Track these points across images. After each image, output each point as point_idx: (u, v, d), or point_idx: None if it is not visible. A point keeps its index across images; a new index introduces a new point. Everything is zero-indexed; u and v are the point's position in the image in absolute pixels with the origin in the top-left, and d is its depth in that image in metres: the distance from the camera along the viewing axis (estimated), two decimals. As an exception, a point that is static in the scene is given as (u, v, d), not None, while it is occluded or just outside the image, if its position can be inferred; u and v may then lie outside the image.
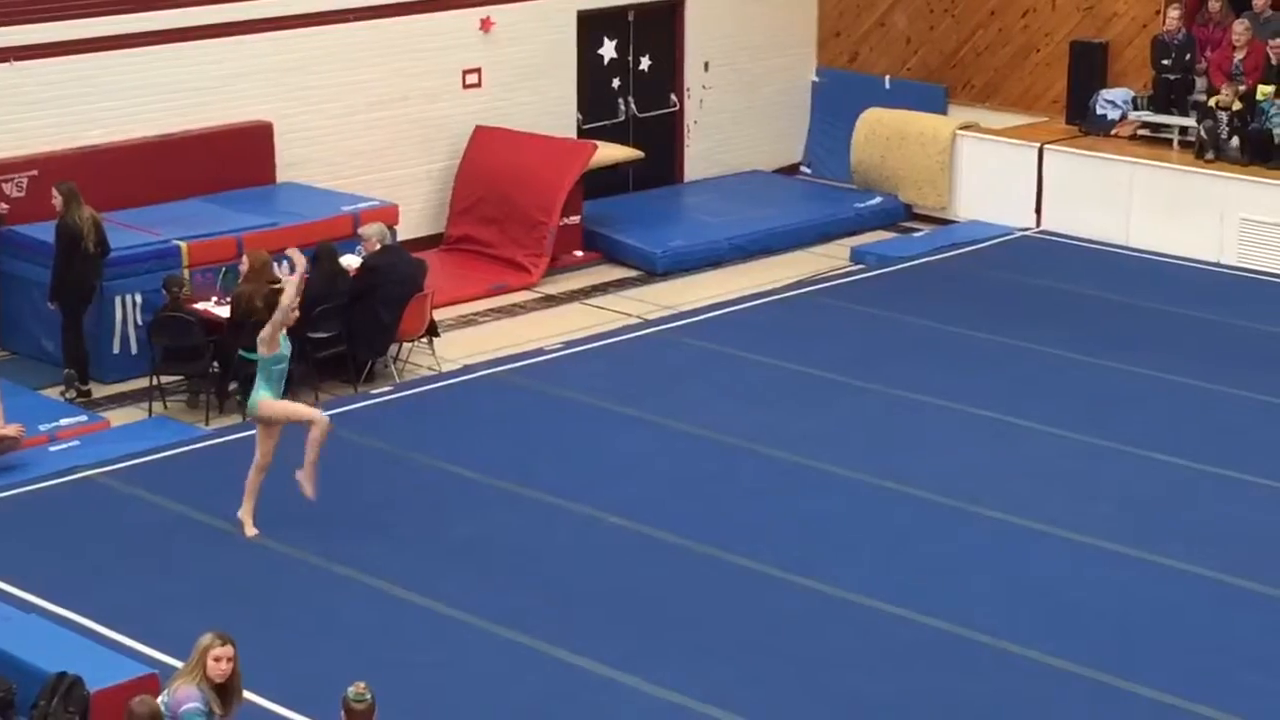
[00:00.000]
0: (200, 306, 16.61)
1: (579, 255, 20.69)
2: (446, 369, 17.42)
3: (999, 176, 21.88)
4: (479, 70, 21.13)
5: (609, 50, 22.56)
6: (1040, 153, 21.65)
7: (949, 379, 16.95)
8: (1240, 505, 14.43)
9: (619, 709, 11.47)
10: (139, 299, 16.96)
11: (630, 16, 22.68)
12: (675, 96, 23.24)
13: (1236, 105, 20.59)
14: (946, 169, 22.16)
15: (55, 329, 16.68)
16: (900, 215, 22.46)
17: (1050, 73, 22.88)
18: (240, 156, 19.11)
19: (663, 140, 23.07)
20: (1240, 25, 20.93)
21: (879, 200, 22.46)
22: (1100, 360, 17.44)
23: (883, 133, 22.60)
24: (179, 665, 9.59)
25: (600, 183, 21.44)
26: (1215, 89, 20.87)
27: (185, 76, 18.84)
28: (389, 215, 18.48)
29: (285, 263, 17.08)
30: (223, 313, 16.44)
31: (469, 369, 17.37)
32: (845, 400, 16.57)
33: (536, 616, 12.53)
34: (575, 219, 20.58)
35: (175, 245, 17.28)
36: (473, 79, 21.09)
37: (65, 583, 12.87)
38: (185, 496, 14.37)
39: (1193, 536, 13.83)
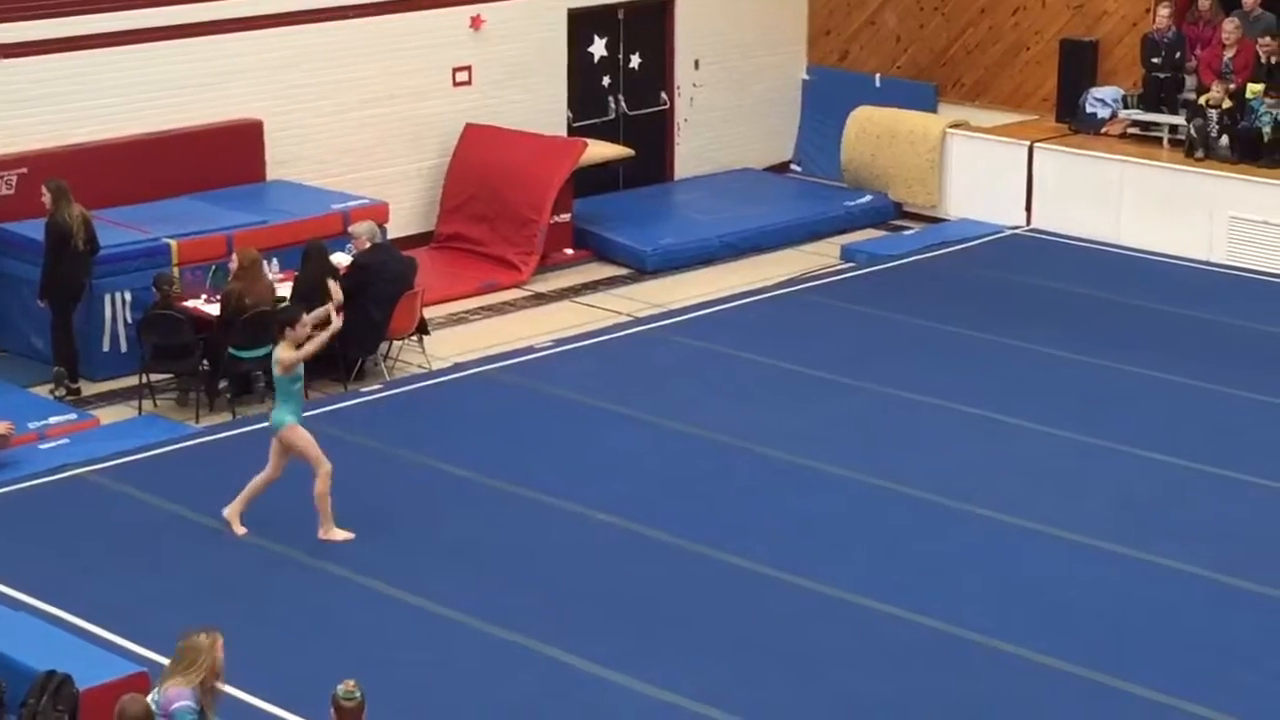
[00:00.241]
0: (190, 304, 16.59)
1: (569, 253, 20.68)
2: (437, 367, 17.41)
3: (989, 175, 21.88)
4: (469, 68, 21.12)
5: (599, 48, 22.55)
6: (1030, 151, 21.65)
7: (940, 377, 16.96)
8: (1232, 504, 14.45)
9: (611, 707, 11.47)
10: (129, 297, 16.95)
11: (620, 14, 22.67)
12: (665, 94, 23.23)
13: (1226, 103, 20.61)
14: (936, 167, 22.16)
15: (45, 327, 16.66)
16: (890, 213, 22.47)
17: (1040, 71, 22.88)
18: (230, 154, 19.09)
19: (653, 138, 23.07)
20: (1230, 23, 20.95)
21: (869, 198, 22.46)
22: (1091, 358, 17.45)
23: (873, 131, 22.60)
24: (168, 663, 9.55)
25: (590, 181, 21.45)
26: (1205, 87, 20.88)
27: (175, 74, 18.82)
28: (379, 213, 18.47)
29: (275, 260, 17.17)
30: (213, 310, 16.42)
31: (459, 367, 17.36)
32: (836, 399, 16.57)
33: (528, 615, 12.53)
34: (565, 217, 20.58)
35: (165, 243, 17.26)
36: (463, 77, 21.08)
37: (55, 581, 12.86)
38: (175, 494, 14.36)
39: (1185, 535, 13.84)
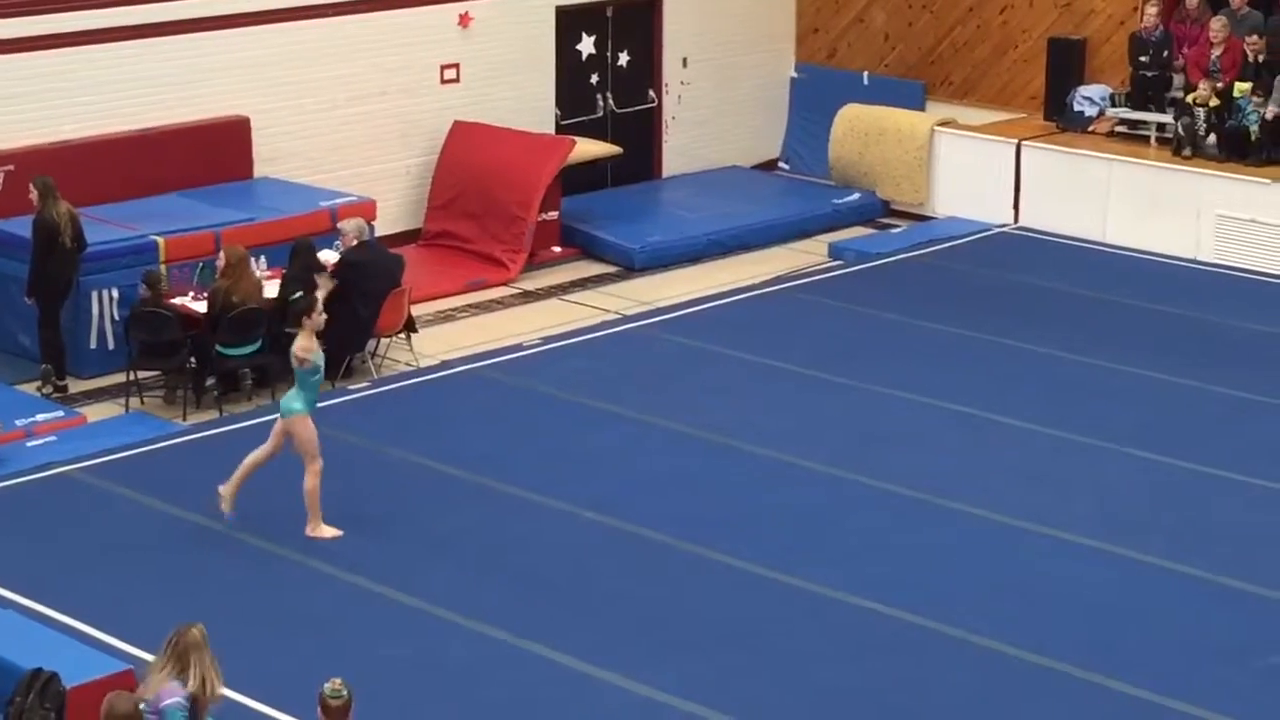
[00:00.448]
0: (178, 301, 16.59)
1: (557, 251, 20.69)
2: (424, 364, 17.42)
3: (977, 173, 21.91)
4: (457, 65, 21.12)
5: (587, 46, 22.56)
6: (1018, 149, 21.67)
7: (927, 375, 16.98)
8: (1218, 501, 14.47)
9: (597, 704, 11.48)
10: (116, 294, 16.94)
11: (608, 12, 22.68)
12: (654, 92, 23.24)
13: (1214, 102, 20.63)
14: (924, 165, 22.19)
15: (32, 324, 16.65)
16: (878, 211, 22.49)
17: (1028, 69, 22.91)
18: (218, 151, 19.08)
19: (641, 136, 23.08)
20: (1218, 22, 20.97)
21: (857, 196, 22.48)
22: (1078, 356, 17.48)
23: (861, 129, 22.62)
24: (156, 659, 9.56)
25: (578, 178, 21.46)
26: (1192, 86, 20.90)
27: (163, 71, 18.82)
28: (367, 210, 18.47)
29: (263, 258, 17.16)
30: (200, 308, 16.42)
31: (447, 364, 17.37)
32: (823, 396, 16.59)
33: (514, 612, 12.54)
34: (553, 214, 20.59)
35: (152, 240, 17.26)
36: (451, 74, 21.08)
37: (41, 578, 12.86)
38: (162, 492, 14.36)
39: (1171, 533, 13.86)
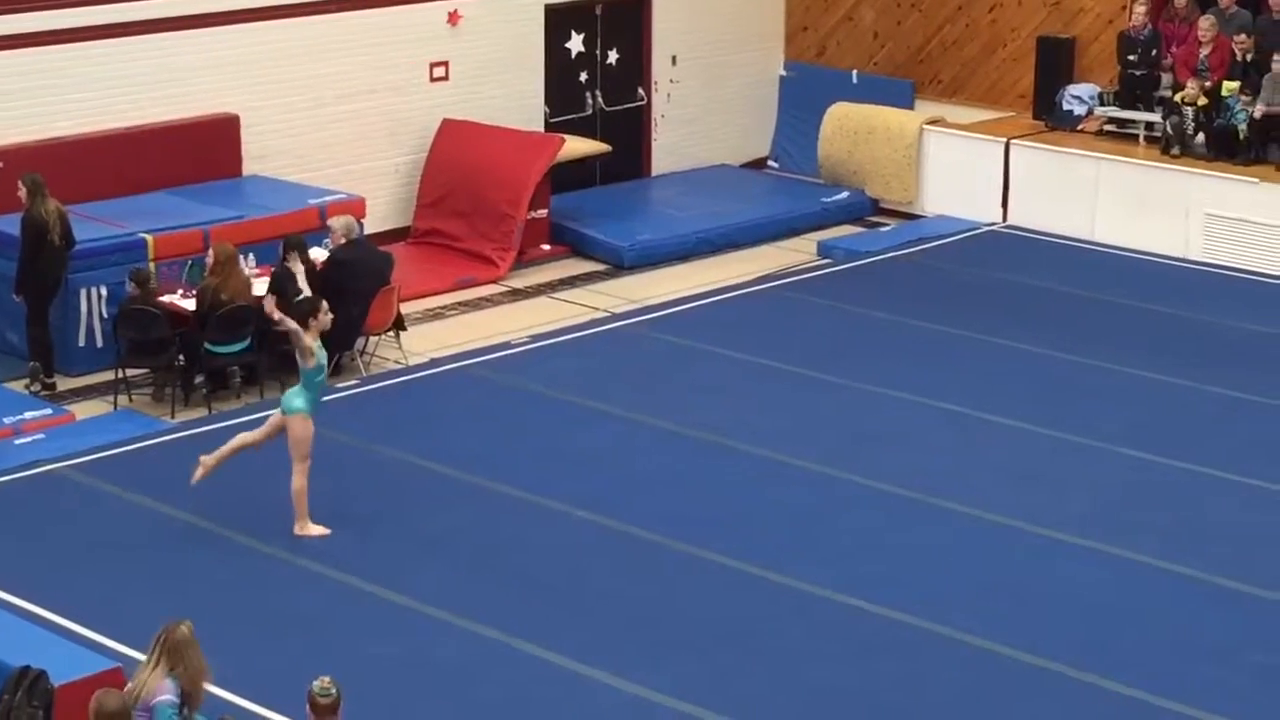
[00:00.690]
0: (166, 299, 16.55)
1: (546, 249, 20.67)
2: (413, 362, 17.40)
3: (965, 171, 21.91)
4: (446, 63, 21.10)
5: (576, 44, 22.54)
6: (1007, 148, 21.68)
7: (916, 373, 16.97)
8: (1210, 500, 14.48)
9: (587, 703, 11.47)
10: (104, 292, 16.91)
11: (598, 10, 22.67)
12: (643, 90, 23.23)
13: (1202, 101, 20.65)
14: (913, 164, 22.19)
15: (20, 322, 16.60)
16: (867, 210, 22.49)
17: (1017, 68, 22.92)
18: (207, 149, 19.04)
19: (630, 134, 23.06)
20: (1206, 21, 20.98)
21: (846, 195, 22.48)
22: (1067, 355, 17.48)
23: (850, 127, 22.62)
24: (146, 657, 9.53)
25: (568, 176, 21.44)
26: (1181, 84, 20.91)
27: (152, 69, 18.78)
28: (356, 208, 18.43)
29: (252, 255, 17.14)
30: (189, 305, 16.39)
31: (436, 362, 17.35)
32: (812, 395, 16.58)
33: (504, 611, 12.52)
34: (542, 213, 20.57)
35: (141, 238, 17.22)
36: (440, 72, 21.06)
37: (29, 576, 12.82)
38: (150, 490, 14.33)
39: (1161, 531, 13.86)
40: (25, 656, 10.36)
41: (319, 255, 17.07)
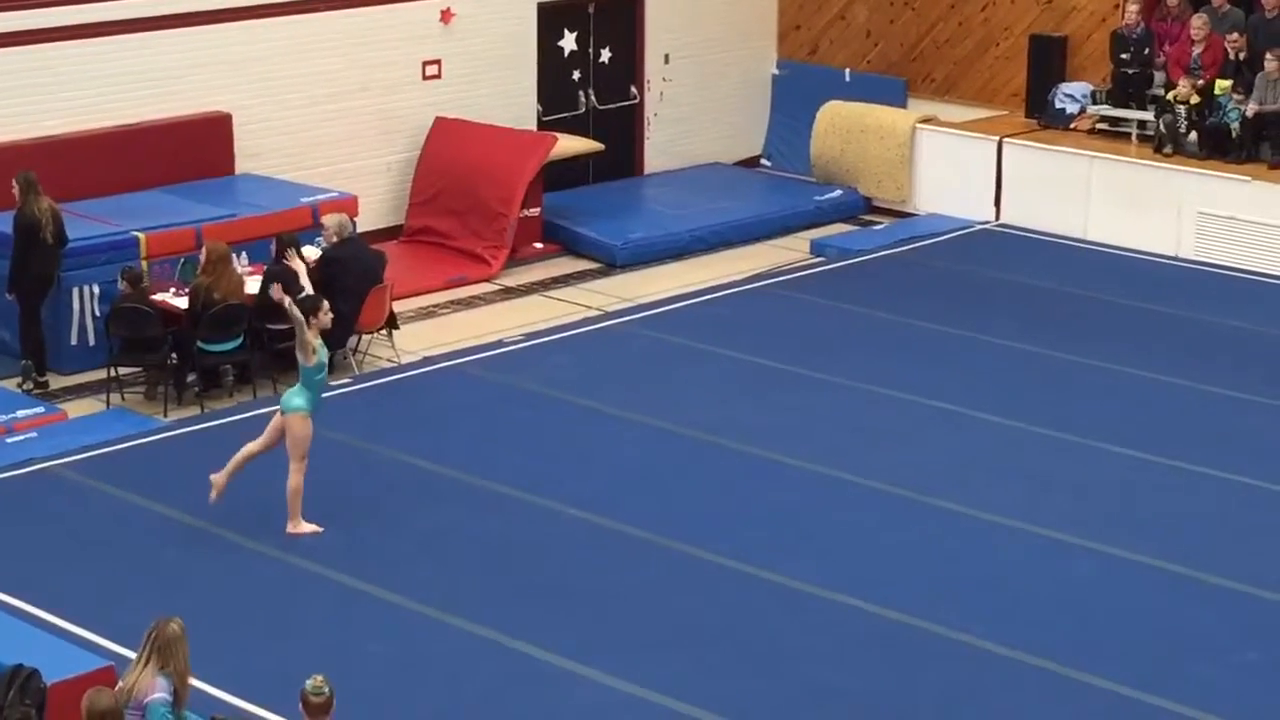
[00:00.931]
0: (159, 298, 16.54)
1: (539, 247, 20.67)
2: (406, 361, 17.39)
3: (958, 170, 21.92)
4: (439, 62, 21.10)
5: (569, 42, 22.54)
6: (999, 146, 21.69)
7: (908, 372, 16.98)
8: (1199, 498, 14.49)
9: (579, 701, 11.46)
10: (97, 290, 16.89)
11: (590, 8, 22.66)
12: (635, 89, 23.23)
13: (1195, 99, 20.66)
14: (906, 162, 22.19)
15: (12, 320, 16.59)
16: (860, 208, 22.49)
17: (1010, 66, 22.93)
18: (199, 147, 19.03)
19: (623, 132, 23.06)
20: (1199, 20, 21.01)
21: (839, 193, 22.48)
22: (1059, 353, 17.50)
23: (842, 126, 22.62)
24: (137, 654, 9.52)
25: (560, 175, 21.44)
26: (1173, 83, 20.93)
27: (144, 67, 18.77)
28: (348, 206, 18.41)
29: (244, 254, 17.13)
30: (181, 304, 16.38)
31: (429, 361, 17.35)
32: (804, 393, 16.58)
33: (496, 609, 12.52)
34: (535, 211, 20.56)
35: (133, 236, 17.21)
36: (433, 70, 21.05)
37: (22, 574, 12.82)
38: (143, 488, 14.32)
39: (1152, 529, 13.88)
40: (17, 655, 10.34)
41: (311, 254, 17.05)
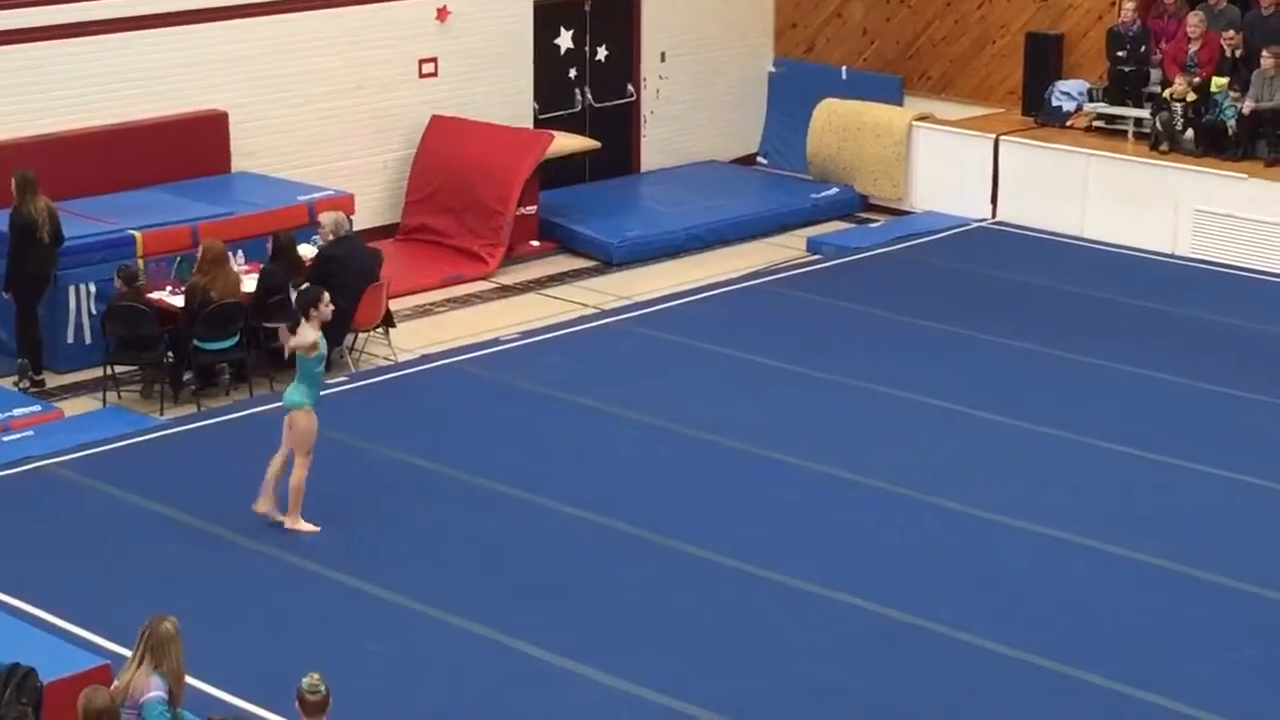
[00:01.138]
0: (155, 296, 16.54)
1: (535, 245, 20.66)
2: (403, 359, 17.38)
3: (955, 167, 21.92)
4: (435, 60, 21.09)
5: (566, 40, 22.53)
6: (996, 144, 21.69)
7: (905, 369, 16.98)
8: (1195, 495, 14.49)
9: (576, 699, 11.46)
10: (93, 288, 16.88)
11: (587, 6, 22.66)
12: (632, 87, 23.23)
13: (1191, 97, 20.66)
14: (902, 160, 22.19)
15: (8, 319, 16.58)
16: (856, 206, 22.49)
17: (1006, 64, 22.93)
18: (195, 145, 19.02)
19: (619, 130, 23.06)
20: (1195, 17, 21.01)
21: (835, 191, 22.48)
22: (1055, 351, 17.50)
23: (839, 123, 22.62)
24: (132, 653, 9.51)
25: (557, 173, 21.43)
26: (1170, 81, 20.94)
27: (140, 65, 18.76)
28: (345, 205, 18.39)
29: (240, 252, 17.12)
30: (177, 302, 16.37)
31: (425, 359, 17.34)
32: (801, 391, 16.58)
33: (493, 607, 12.52)
34: (532, 209, 20.56)
35: (130, 234, 17.20)
36: (429, 68, 21.04)
37: (18, 573, 12.81)
38: (139, 487, 14.32)
39: (1149, 526, 13.88)
40: (14, 654, 10.33)
41: (308, 252, 17.05)
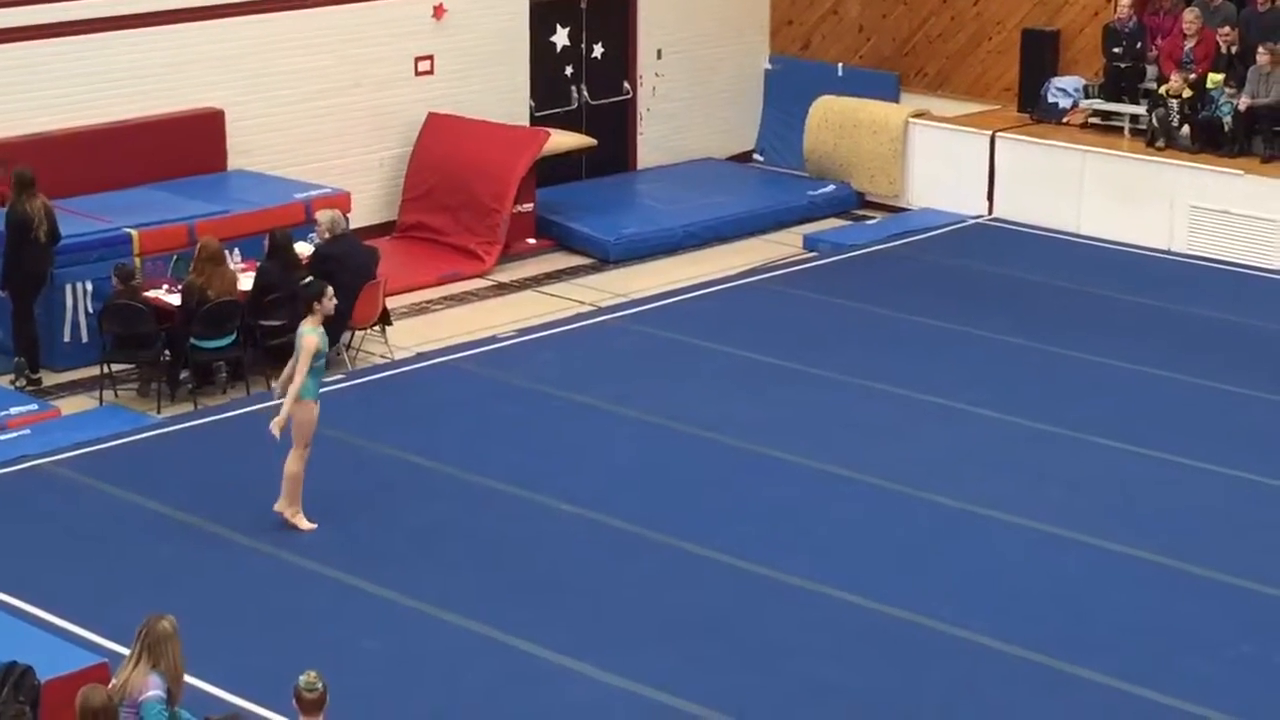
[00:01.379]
0: (152, 294, 16.53)
1: (532, 243, 20.66)
2: (399, 357, 17.39)
3: (951, 164, 21.92)
4: (431, 57, 21.09)
5: (562, 37, 22.53)
6: (992, 141, 21.70)
7: (901, 366, 16.99)
8: (1191, 491, 14.50)
9: (573, 696, 11.47)
10: (90, 287, 16.87)
11: (583, 4, 22.65)
12: (628, 84, 23.23)
13: (1187, 93, 20.67)
14: (899, 157, 22.19)
15: (5, 317, 16.57)
16: (853, 203, 22.49)
17: (1002, 61, 22.94)
18: (191, 143, 19.02)
19: (616, 128, 23.06)
20: (1191, 13, 21.02)
21: (832, 188, 22.49)
22: (1052, 347, 17.51)
23: (835, 120, 22.62)
24: (130, 652, 9.52)
25: (553, 170, 21.43)
26: (1166, 77, 20.94)
27: (136, 63, 18.76)
28: (341, 203, 18.39)
29: (237, 250, 17.12)
30: (174, 301, 16.37)
31: (422, 357, 17.34)
32: (798, 387, 16.59)
33: (490, 604, 12.52)
34: (528, 206, 20.56)
35: (126, 233, 17.20)
36: (425, 66, 21.04)
37: (15, 572, 12.81)
38: (136, 485, 14.32)
39: (1145, 523, 13.89)
40: (11, 652, 10.33)
41: (305, 250, 17.05)
